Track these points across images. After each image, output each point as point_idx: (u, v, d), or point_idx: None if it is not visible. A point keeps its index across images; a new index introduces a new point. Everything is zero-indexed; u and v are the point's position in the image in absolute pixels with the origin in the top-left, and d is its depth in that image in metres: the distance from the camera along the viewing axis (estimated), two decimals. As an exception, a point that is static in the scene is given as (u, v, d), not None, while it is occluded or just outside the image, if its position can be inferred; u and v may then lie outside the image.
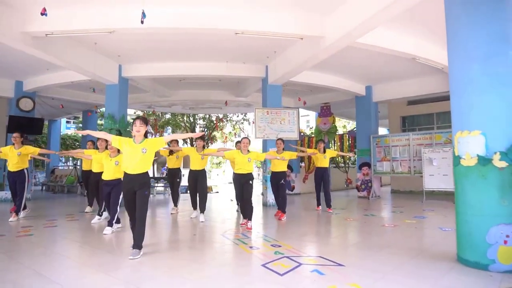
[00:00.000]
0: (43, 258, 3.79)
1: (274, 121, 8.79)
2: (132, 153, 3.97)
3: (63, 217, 6.73)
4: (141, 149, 3.97)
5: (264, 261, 3.57)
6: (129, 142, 4.04)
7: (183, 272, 3.29)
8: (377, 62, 8.73)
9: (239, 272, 3.34)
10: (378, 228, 5.54)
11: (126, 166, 3.99)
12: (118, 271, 3.34)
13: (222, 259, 3.83)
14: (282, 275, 3.12)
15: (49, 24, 6.03)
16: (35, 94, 10.73)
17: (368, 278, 3.03)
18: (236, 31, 5.99)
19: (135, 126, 4.01)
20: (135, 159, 3.96)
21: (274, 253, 3.93)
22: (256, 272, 3.27)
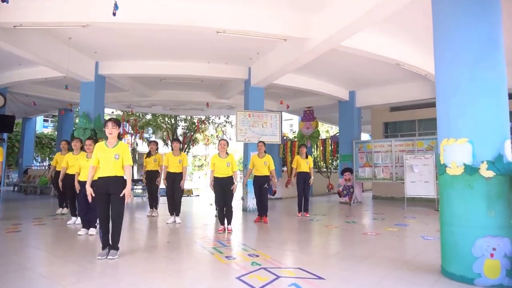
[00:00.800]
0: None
1: (256, 124, 8.58)
2: (104, 157, 3.90)
3: (29, 221, 6.31)
4: (113, 155, 3.89)
5: (240, 273, 3.33)
6: (101, 147, 3.96)
7: (155, 283, 3.02)
8: (361, 67, 8.67)
9: (211, 284, 3.09)
10: (359, 237, 5.38)
11: (101, 169, 3.90)
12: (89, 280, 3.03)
13: (197, 270, 3.55)
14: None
15: (18, 15, 5.66)
16: (6, 90, 10.21)
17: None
18: (218, 29, 5.76)
19: (107, 128, 3.93)
20: (107, 163, 3.88)
21: (251, 264, 3.69)
22: (230, 286, 3.03)
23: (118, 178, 3.90)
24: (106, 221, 3.88)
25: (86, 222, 5.25)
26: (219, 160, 5.54)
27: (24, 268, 3.44)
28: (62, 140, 7.90)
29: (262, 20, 5.92)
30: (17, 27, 5.77)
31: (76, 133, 8.20)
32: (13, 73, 9.47)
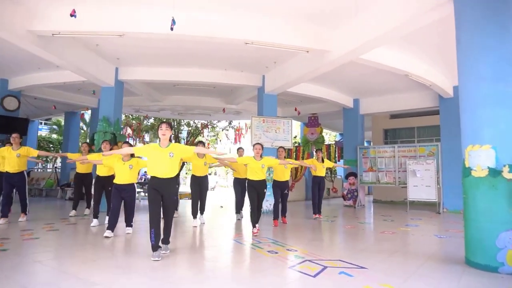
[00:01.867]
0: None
1: (270, 130, 8.98)
2: (158, 157, 4.03)
3: (59, 220, 6.55)
4: (168, 153, 4.02)
5: (290, 265, 3.71)
6: (155, 147, 4.11)
7: (220, 274, 3.37)
8: (366, 77, 9.15)
9: (272, 274, 3.43)
10: (378, 235, 5.81)
11: (154, 170, 4.04)
12: (147, 273, 3.37)
13: (250, 262, 3.90)
14: (314, 277, 3.28)
15: (56, 24, 5.96)
16: (20, 94, 10.37)
17: (394, 279, 3.24)
18: (246, 41, 6.15)
19: (161, 129, 4.09)
20: (163, 163, 4.02)
21: (294, 257, 4.08)
22: (287, 274, 3.40)
23: (171, 180, 4.10)
24: (159, 222, 3.98)
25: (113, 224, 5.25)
26: (253, 162, 5.81)
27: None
28: (83, 143, 8.14)
29: (286, 33, 6.34)
30: (55, 35, 6.06)
31: (96, 136, 8.45)
32: (30, 76, 9.66)
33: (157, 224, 3.92)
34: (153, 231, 3.90)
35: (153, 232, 3.90)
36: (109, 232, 5.14)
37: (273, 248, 4.54)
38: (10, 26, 5.63)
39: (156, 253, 3.88)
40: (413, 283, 3.16)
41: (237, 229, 6.37)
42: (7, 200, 6.26)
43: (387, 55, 7.25)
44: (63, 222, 6.48)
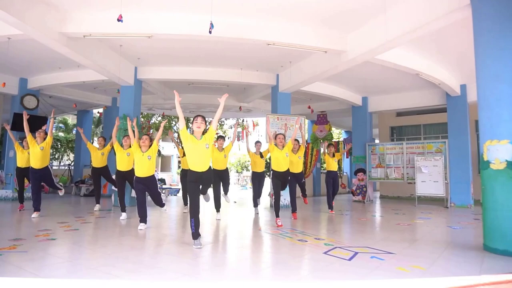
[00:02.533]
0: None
1: (284, 127, 9.25)
2: (196, 150, 4.13)
3: (74, 219, 6.84)
4: (204, 144, 4.16)
5: (323, 250, 4.01)
6: (192, 139, 4.19)
7: (262, 259, 3.68)
8: (375, 75, 9.45)
9: (310, 258, 3.74)
10: (395, 226, 6.12)
11: (193, 163, 4.20)
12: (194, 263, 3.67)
13: (285, 250, 4.19)
14: (349, 260, 3.59)
15: (88, 26, 6.24)
16: (38, 92, 10.64)
17: (423, 261, 3.55)
18: (268, 42, 6.45)
19: (196, 122, 4.19)
20: (201, 155, 4.16)
21: (324, 244, 4.39)
22: (323, 258, 3.70)
23: (209, 171, 4.34)
24: (199, 211, 4.20)
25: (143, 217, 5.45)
26: (278, 151, 6.06)
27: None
28: (100, 137, 8.36)
29: (305, 34, 6.64)
30: (86, 37, 6.34)
31: (117, 133, 8.70)
32: (49, 76, 9.93)
33: (197, 214, 4.16)
34: (193, 221, 4.13)
35: (193, 221, 4.13)
36: (142, 225, 5.40)
37: (301, 237, 4.84)
38: (44, 28, 5.89)
39: (197, 241, 4.13)
40: (440, 265, 3.48)
41: (260, 221, 6.67)
42: (36, 195, 6.51)
43: (399, 55, 7.53)
44: (92, 216, 6.78)
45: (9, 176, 9.98)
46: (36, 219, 6.17)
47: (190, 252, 3.94)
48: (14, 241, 4.18)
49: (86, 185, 12.37)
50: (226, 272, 3.28)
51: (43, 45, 6.84)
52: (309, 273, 3.20)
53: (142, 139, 5.59)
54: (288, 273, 3.17)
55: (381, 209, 9.38)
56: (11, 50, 7.70)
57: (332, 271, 3.23)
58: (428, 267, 3.36)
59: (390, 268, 3.31)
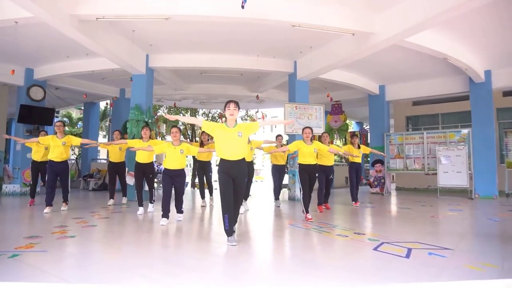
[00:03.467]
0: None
1: (302, 116, 8.88)
2: (227, 138, 3.81)
3: (89, 214, 6.49)
4: (237, 133, 3.80)
5: (371, 247, 3.64)
6: (222, 127, 3.87)
7: (309, 258, 3.31)
8: (394, 62, 9.02)
9: (363, 256, 3.35)
10: (430, 219, 5.74)
11: (223, 152, 3.84)
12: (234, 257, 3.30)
13: (327, 246, 3.81)
14: (407, 258, 3.21)
15: (100, 8, 5.82)
16: (45, 83, 10.24)
17: (491, 259, 3.17)
18: (293, 23, 6.01)
19: (229, 109, 3.83)
20: (232, 144, 3.81)
21: (368, 239, 4.01)
22: (377, 256, 3.32)
23: (243, 161, 3.92)
24: (232, 206, 3.80)
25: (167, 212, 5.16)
26: (305, 146, 5.74)
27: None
28: (115, 130, 8.02)
29: (332, 15, 6.19)
30: (99, 19, 5.92)
31: (129, 124, 8.34)
32: (56, 65, 9.52)
33: (230, 209, 3.79)
34: (226, 217, 3.77)
35: (226, 217, 3.76)
36: (164, 220, 5.07)
37: (339, 232, 4.47)
38: (55, 9, 5.46)
39: (231, 238, 3.78)
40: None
41: (286, 215, 6.30)
42: (51, 189, 6.20)
43: (428, 37, 7.08)
44: (108, 211, 6.43)
45: (16, 170, 9.62)
46: (48, 215, 5.84)
47: (227, 250, 3.57)
48: (30, 239, 3.82)
49: (95, 179, 12.02)
50: (278, 274, 2.91)
51: (51, 31, 6.47)
52: (373, 275, 2.81)
53: (172, 132, 5.31)
54: (348, 275, 2.79)
55: (404, 201, 8.98)
56: (18, 37, 7.30)
57: (394, 270, 2.85)
58: (501, 265, 2.98)
59: (458, 266, 2.95)
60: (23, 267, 2.83)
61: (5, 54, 8.57)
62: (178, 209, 5.45)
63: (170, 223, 5.08)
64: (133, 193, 8.04)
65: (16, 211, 6.55)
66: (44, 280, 2.51)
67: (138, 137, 8.10)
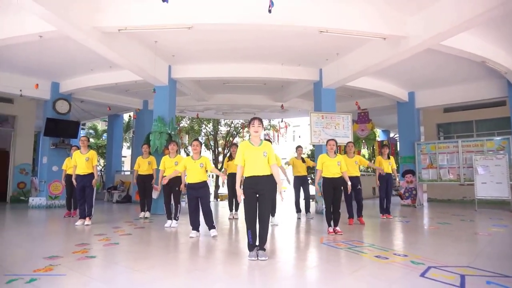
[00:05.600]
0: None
1: (329, 126, 8.52)
2: (253, 156, 3.86)
3: (111, 230, 6.33)
4: (262, 152, 3.84)
5: (418, 272, 3.24)
6: (247, 146, 3.91)
7: (349, 284, 2.96)
8: (425, 66, 8.56)
9: (411, 285, 2.96)
10: (475, 236, 5.26)
11: (249, 169, 3.86)
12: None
13: (366, 270, 3.41)
14: (462, 287, 2.81)
15: (123, 19, 5.74)
16: (70, 97, 10.34)
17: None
18: (321, 29, 5.73)
19: (253, 126, 3.91)
20: (258, 161, 3.83)
21: (411, 262, 3.61)
22: (427, 285, 2.93)
23: (269, 177, 3.85)
24: (255, 222, 3.82)
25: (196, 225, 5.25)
26: (328, 159, 5.49)
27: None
28: (144, 144, 7.96)
29: (362, 19, 5.87)
30: (121, 31, 5.83)
31: (152, 136, 8.22)
32: (81, 79, 9.59)
33: (254, 224, 3.80)
34: (250, 232, 3.80)
35: (250, 232, 3.81)
36: (194, 233, 5.15)
37: (377, 253, 4.07)
38: (77, 23, 5.41)
39: (252, 253, 3.77)
40: None
41: (315, 231, 5.94)
42: (81, 202, 6.31)
43: (464, 40, 6.64)
44: (131, 226, 6.27)
45: (43, 183, 9.69)
46: (80, 227, 5.95)
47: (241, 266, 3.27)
48: (50, 260, 3.64)
49: (118, 191, 12.03)
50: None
51: (75, 44, 6.46)
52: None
53: (193, 145, 5.36)
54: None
55: (440, 214, 8.40)
56: (43, 51, 7.37)
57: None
58: None
59: (527, 301, 2.52)
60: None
61: (32, 69, 8.70)
62: (209, 225, 5.28)
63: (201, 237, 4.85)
64: (156, 207, 7.95)
65: (40, 226, 6.50)
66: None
67: (161, 149, 8.03)
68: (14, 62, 8.14)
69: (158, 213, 7.89)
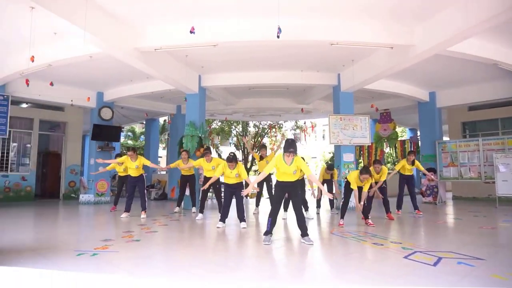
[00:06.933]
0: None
1: (347, 127, 9.07)
2: (285, 171, 4.65)
3: (150, 221, 7.28)
4: (292, 171, 4.63)
5: (403, 255, 3.84)
6: (281, 162, 4.61)
7: (342, 262, 3.64)
8: (444, 68, 8.86)
9: (391, 264, 3.59)
10: (477, 230, 5.66)
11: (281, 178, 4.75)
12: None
13: (362, 253, 4.09)
14: (434, 266, 3.40)
15: (158, 40, 6.66)
16: (113, 104, 11.54)
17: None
18: (332, 42, 6.35)
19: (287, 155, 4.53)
20: (288, 175, 4.69)
21: (402, 248, 4.20)
22: (406, 263, 3.54)
23: (296, 182, 4.81)
24: (277, 214, 4.76)
25: (224, 217, 6.08)
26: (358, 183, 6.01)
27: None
28: (183, 150, 8.83)
29: (370, 31, 6.42)
30: (157, 50, 6.77)
31: (184, 139, 9.16)
32: (122, 88, 10.74)
33: (275, 215, 4.72)
34: (270, 220, 4.68)
35: (270, 220, 4.68)
36: (221, 223, 5.97)
37: (376, 241, 4.69)
38: (121, 45, 6.41)
39: (266, 237, 4.56)
40: (543, 274, 3.15)
41: (330, 223, 6.58)
42: (130, 198, 7.53)
43: (473, 44, 6.96)
44: (167, 218, 7.20)
45: (91, 182, 10.93)
46: (124, 219, 6.99)
47: (270, 252, 4.01)
48: (105, 242, 4.57)
49: (155, 190, 13.14)
50: (305, 275, 3.28)
51: (118, 61, 7.44)
52: (395, 279, 3.08)
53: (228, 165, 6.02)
54: (372, 279, 3.08)
55: (457, 211, 8.74)
56: (90, 67, 8.50)
57: (417, 276, 3.09)
58: (528, 275, 3.07)
59: (482, 275, 3.08)
60: (101, 263, 3.52)
61: (81, 82, 9.92)
62: (241, 218, 6.08)
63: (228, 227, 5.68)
64: (188, 203, 8.86)
65: (92, 218, 7.59)
66: (119, 273, 3.15)
67: (192, 150, 8.94)
68: (66, 77, 9.37)
69: (188, 208, 8.82)
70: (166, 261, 3.73)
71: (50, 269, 3.26)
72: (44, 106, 11.45)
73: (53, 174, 12.78)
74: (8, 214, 7.75)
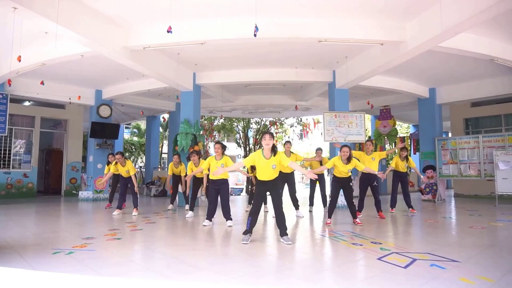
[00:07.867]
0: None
1: (342, 125, 8.97)
2: (263, 167, 4.55)
3: (140, 219, 7.32)
4: (271, 165, 4.51)
5: (377, 256, 3.79)
6: (259, 157, 4.52)
7: (310, 264, 3.61)
8: (443, 64, 8.71)
9: (361, 265, 3.57)
10: (466, 230, 5.57)
11: (260, 175, 4.63)
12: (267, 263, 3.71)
13: (337, 254, 4.06)
14: (405, 268, 3.34)
15: (147, 39, 6.67)
16: (111, 102, 11.64)
17: (491, 272, 3.17)
18: (320, 39, 6.29)
19: (265, 140, 4.48)
20: (267, 171, 4.56)
21: (380, 249, 4.14)
22: (377, 265, 3.49)
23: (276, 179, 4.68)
24: (257, 213, 4.72)
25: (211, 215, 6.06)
26: (341, 165, 5.96)
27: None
28: (175, 155, 8.89)
29: (359, 28, 6.34)
30: (146, 49, 6.78)
31: (179, 137, 9.19)
32: (119, 86, 10.83)
33: (256, 214, 4.66)
34: (250, 219, 4.60)
35: (250, 220, 4.60)
36: (207, 222, 5.95)
37: (356, 241, 4.64)
38: (110, 44, 6.45)
39: (245, 237, 4.53)
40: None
41: (315, 222, 6.54)
42: (122, 196, 7.51)
43: (468, 39, 6.84)
44: (157, 216, 7.24)
45: (90, 178, 11.07)
46: (116, 216, 7.09)
47: (246, 252, 4.00)
48: (86, 240, 4.63)
49: (155, 186, 13.24)
50: (268, 277, 3.26)
51: (112, 59, 7.48)
52: (360, 281, 3.04)
53: (215, 147, 6.07)
54: (337, 281, 3.05)
55: (454, 209, 8.61)
56: (86, 65, 8.57)
57: (384, 279, 3.03)
58: (498, 279, 3.00)
59: (451, 278, 3.02)
60: (73, 262, 3.55)
61: (77, 80, 10.05)
62: (227, 216, 6.05)
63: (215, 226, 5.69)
64: (182, 200, 8.91)
65: (84, 215, 7.70)
66: (85, 274, 3.18)
67: (186, 148, 8.98)
68: (62, 75, 9.49)
69: (182, 205, 8.87)
70: (140, 261, 3.75)
71: (19, 268, 3.30)
72: (45, 104, 11.61)
73: (56, 171, 12.99)
74: (6, 211, 7.90)
